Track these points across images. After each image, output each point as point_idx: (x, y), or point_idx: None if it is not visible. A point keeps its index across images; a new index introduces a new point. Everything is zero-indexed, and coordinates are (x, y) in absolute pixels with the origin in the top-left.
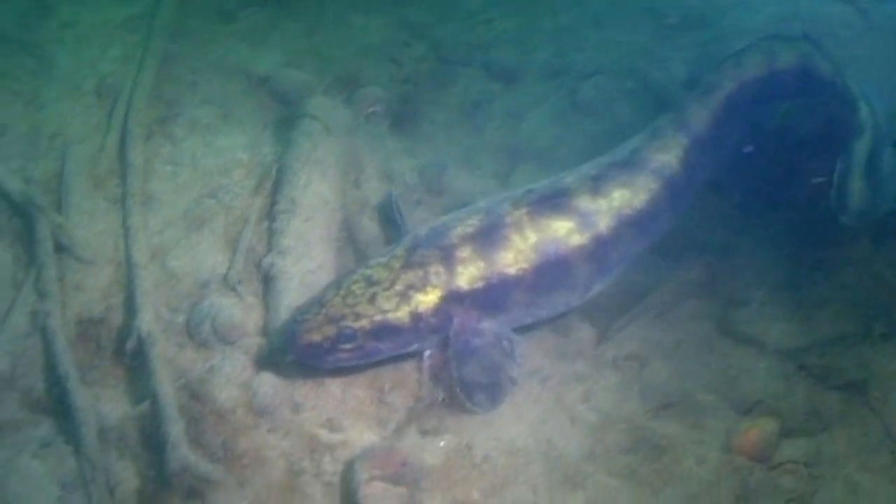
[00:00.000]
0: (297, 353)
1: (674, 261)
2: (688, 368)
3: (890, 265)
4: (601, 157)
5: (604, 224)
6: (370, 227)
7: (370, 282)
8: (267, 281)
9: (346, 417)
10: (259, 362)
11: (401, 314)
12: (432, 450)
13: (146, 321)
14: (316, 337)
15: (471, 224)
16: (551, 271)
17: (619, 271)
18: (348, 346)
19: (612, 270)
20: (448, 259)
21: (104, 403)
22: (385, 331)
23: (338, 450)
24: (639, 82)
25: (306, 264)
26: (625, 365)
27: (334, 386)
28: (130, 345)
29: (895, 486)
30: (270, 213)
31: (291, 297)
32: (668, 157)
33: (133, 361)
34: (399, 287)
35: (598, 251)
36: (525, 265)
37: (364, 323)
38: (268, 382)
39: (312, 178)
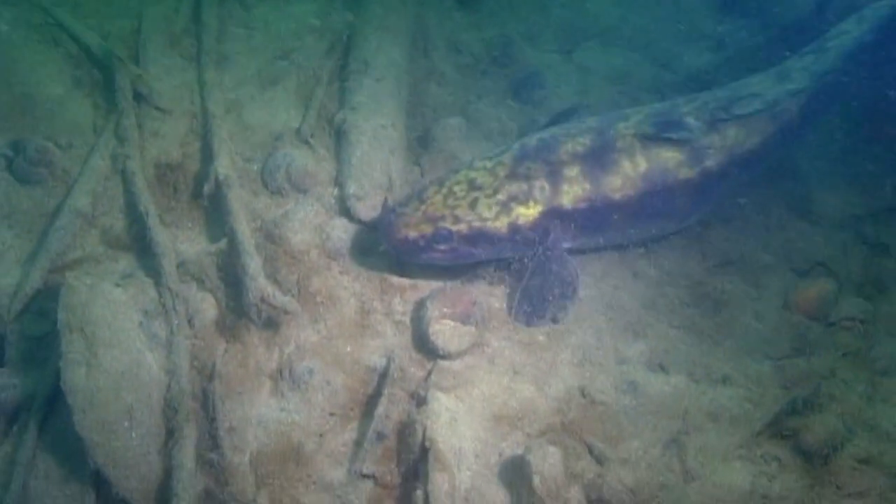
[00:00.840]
0: (391, 244)
1: None
2: (748, 232)
3: None
4: (719, 89)
5: (713, 161)
6: (437, 93)
7: (473, 185)
8: (339, 135)
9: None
10: (332, 209)
11: (499, 224)
12: (500, 295)
13: (223, 166)
14: (412, 233)
15: (581, 142)
16: (655, 201)
17: (718, 204)
18: (443, 246)
19: (712, 202)
20: (554, 175)
21: (182, 242)
22: (481, 237)
23: (408, 292)
24: None
25: (378, 120)
26: (686, 228)
27: None
28: (208, 188)
29: None
30: (342, 73)
31: (363, 149)
32: (786, 103)
33: (210, 204)
34: (501, 196)
35: (704, 185)
36: (631, 192)
37: (462, 227)
38: (340, 227)
39: (384, 42)
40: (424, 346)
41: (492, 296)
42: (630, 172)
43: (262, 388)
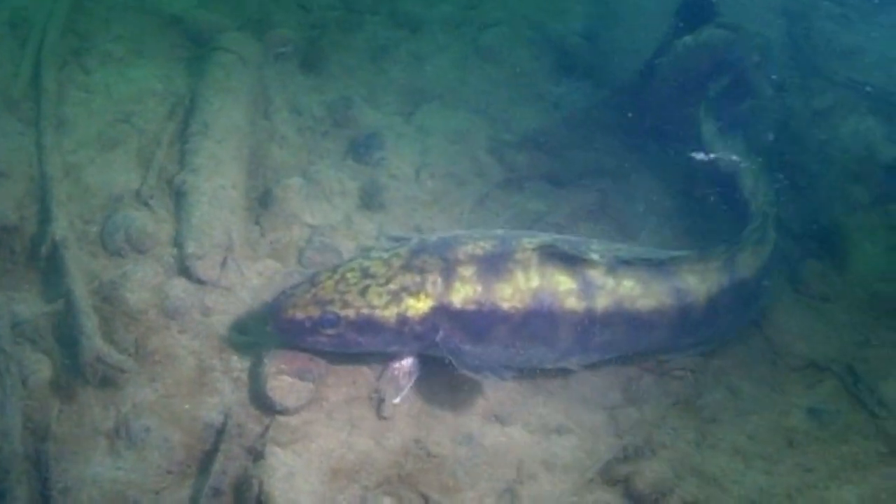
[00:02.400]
0: (278, 325)
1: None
2: None
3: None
4: (635, 246)
5: (602, 303)
6: (279, 154)
7: (366, 273)
8: (179, 196)
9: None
10: (171, 269)
11: (388, 313)
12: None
13: (61, 227)
14: (299, 314)
15: (481, 246)
16: (539, 323)
17: (601, 357)
18: (329, 331)
19: (592, 352)
20: (449, 272)
21: (17, 304)
22: (369, 326)
23: (246, 350)
24: (537, 32)
25: (218, 181)
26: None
27: (244, 292)
28: (45, 249)
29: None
30: (183, 136)
31: (203, 209)
32: (700, 283)
33: (47, 265)
34: (393, 286)
35: (588, 326)
36: (519, 305)
37: (350, 313)
38: (179, 286)
39: (225, 104)
40: (262, 401)
41: None
42: (521, 285)
43: (98, 448)
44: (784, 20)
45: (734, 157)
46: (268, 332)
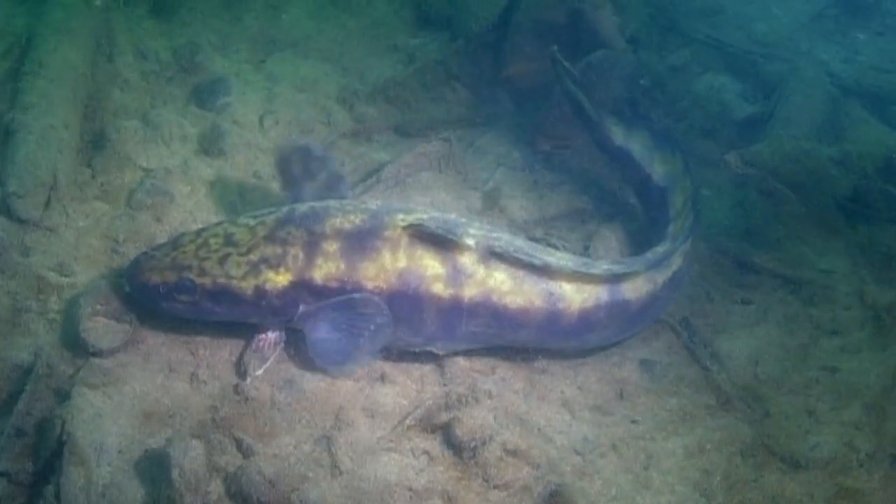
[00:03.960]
0: (133, 287)
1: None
2: None
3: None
4: (519, 235)
5: (469, 292)
6: (119, 98)
7: (229, 241)
8: (6, 135)
9: (78, 263)
10: None
11: (245, 285)
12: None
13: None
14: (155, 278)
15: (350, 220)
16: (404, 306)
17: (468, 347)
18: (185, 297)
19: (458, 340)
20: (312, 247)
21: None
22: (225, 296)
23: (66, 291)
24: None
25: (48, 120)
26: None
27: (68, 233)
28: None
29: None
30: (17, 75)
31: (29, 147)
32: (576, 293)
33: None
34: (253, 257)
35: (452, 314)
36: (383, 285)
37: (206, 281)
38: None
39: (62, 44)
40: (76, 343)
41: None
42: (388, 265)
43: None
44: None
45: (669, 170)
46: (126, 293)
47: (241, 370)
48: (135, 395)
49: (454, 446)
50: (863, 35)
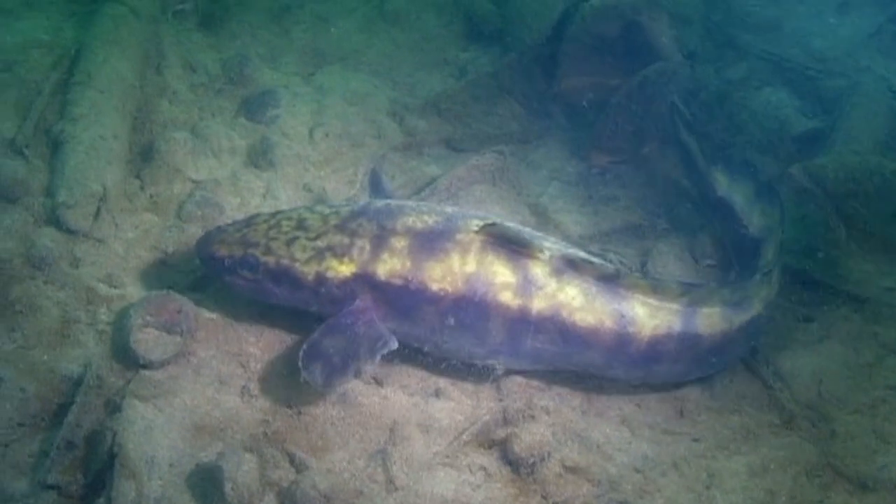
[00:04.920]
0: (200, 256)
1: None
2: None
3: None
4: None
5: (539, 304)
6: (168, 110)
7: (300, 225)
8: (56, 145)
9: (127, 275)
10: (41, 219)
11: (307, 269)
12: (209, 305)
13: None
14: (222, 251)
15: (423, 220)
16: (469, 313)
17: (531, 366)
18: (248, 274)
19: (522, 357)
20: (380, 240)
21: None
22: (286, 278)
23: (115, 302)
24: None
25: (98, 131)
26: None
27: (117, 244)
28: None
29: None
30: (66, 86)
31: (79, 158)
32: (648, 318)
33: None
34: (321, 243)
35: (519, 326)
36: (449, 289)
37: (270, 260)
38: (47, 235)
39: (111, 56)
40: (126, 355)
41: (201, 303)
42: (455, 268)
43: None
44: None
45: (767, 223)
46: (197, 263)
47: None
48: (185, 408)
49: (512, 462)
50: None
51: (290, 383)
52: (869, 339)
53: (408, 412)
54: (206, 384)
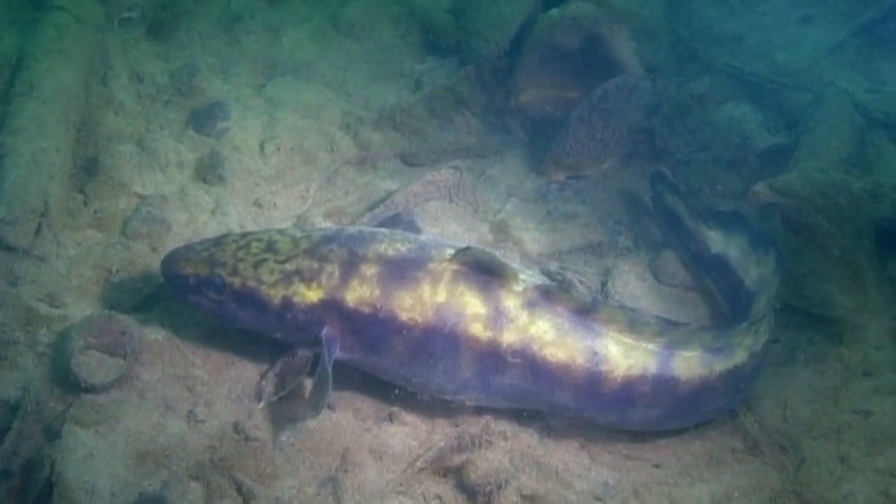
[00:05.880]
0: (165, 275)
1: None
2: None
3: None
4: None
5: (509, 338)
6: (114, 122)
7: (270, 248)
8: None
9: (69, 294)
10: None
11: (273, 293)
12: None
13: None
14: (187, 270)
15: (396, 247)
16: (438, 344)
17: (502, 404)
18: (213, 294)
19: (493, 394)
20: (350, 267)
21: None
22: (251, 301)
23: (56, 323)
24: (403, 6)
25: (39, 143)
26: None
27: (59, 262)
28: None
29: None
30: (6, 97)
31: (19, 172)
32: (621, 357)
33: None
34: (289, 267)
35: (488, 358)
36: (418, 319)
37: (236, 281)
38: None
39: (55, 65)
40: (67, 378)
41: (146, 324)
42: (426, 298)
43: None
44: (664, 4)
45: (762, 273)
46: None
47: (257, 392)
48: (129, 434)
49: (468, 490)
50: (887, 64)
51: (237, 408)
52: (834, 361)
53: (360, 437)
54: (150, 409)
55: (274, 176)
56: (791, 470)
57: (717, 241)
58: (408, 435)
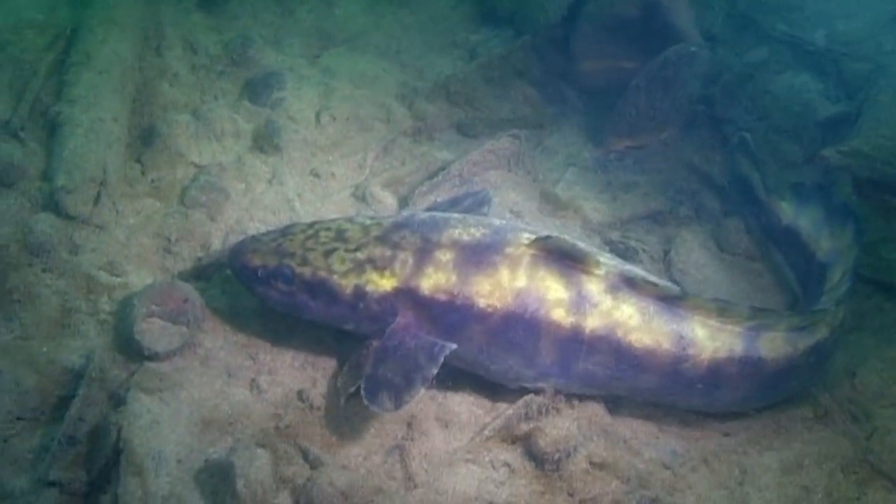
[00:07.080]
0: (233, 267)
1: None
2: None
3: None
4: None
5: (592, 323)
6: (169, 92)
7: (340, 236)
8: (53, 127)
9: (129, 263)
10: (38, 204)
11: (345, 282)
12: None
13: None
14: (256, 261)
15: (470, 232)
16: (518, 331)
17: (582, 390)
18: (281, 286)
19: (573, 379)
20: (424, 254)
21: None
22: (322, 291)
23: (117, 291)
24: None
25: (96, 113)
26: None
27: (118, 231)
28: None
29: None
30: (63, 67)
31: (77, 141)
32: (708, 340)
33: None
34: (361, 255)
35: (571, 343)
36: (497, 304)
37: (306, 271)
38: (45, 221)
39: (109, 36)
40: (129, 346)
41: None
42: (504, 283)
43: None
44: None
45: (835, 245)
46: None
47: (337, 388)
48: (193, 402)
49: (536, 458)
50: None
51: (300, 376)
52: None
53: (425, 406)
54: (213, 377)
55: (330, 146)
56: (862, 439)
57: (788, 212)
58: (473, 403)
